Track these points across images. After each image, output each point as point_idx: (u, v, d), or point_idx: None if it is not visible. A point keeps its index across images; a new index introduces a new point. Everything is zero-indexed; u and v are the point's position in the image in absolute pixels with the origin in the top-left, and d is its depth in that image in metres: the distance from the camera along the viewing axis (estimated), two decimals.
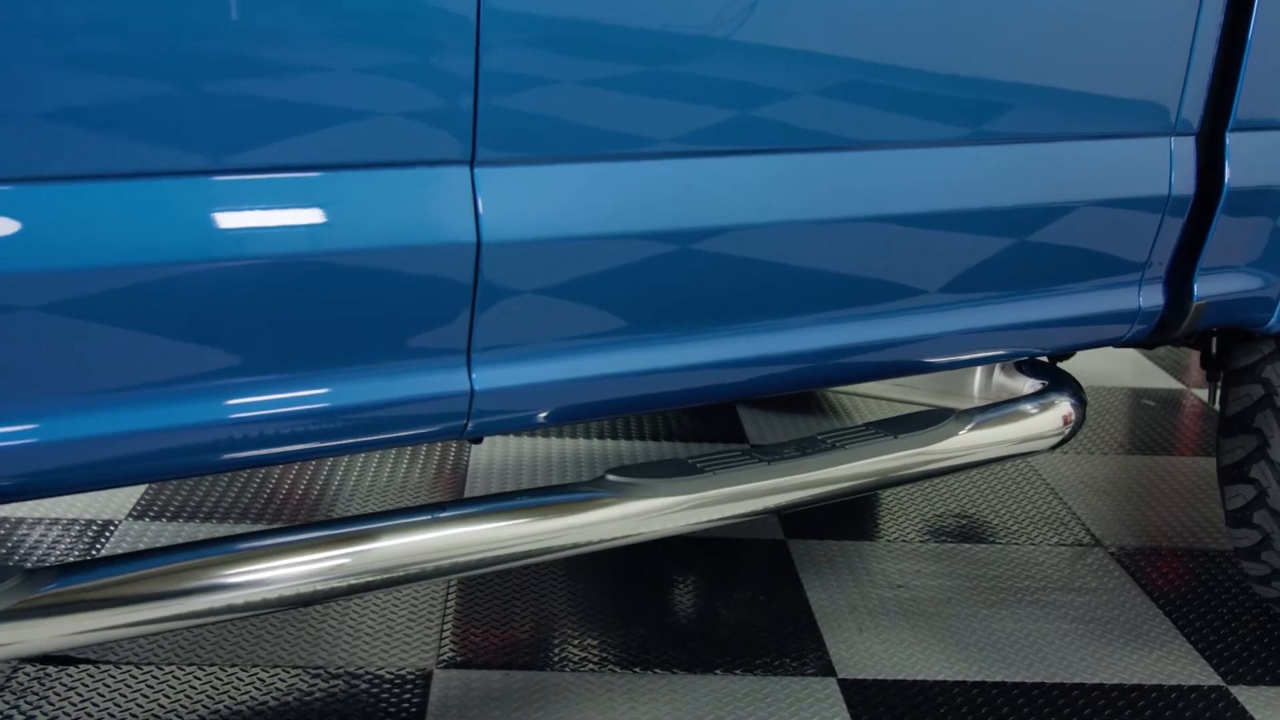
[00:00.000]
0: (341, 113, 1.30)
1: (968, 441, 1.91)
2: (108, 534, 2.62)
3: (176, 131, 1.23)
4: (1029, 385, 2.09)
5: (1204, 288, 1.99)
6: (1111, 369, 4.03)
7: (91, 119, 1.19)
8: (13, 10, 1.14)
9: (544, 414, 1.54)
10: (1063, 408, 2.01)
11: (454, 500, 1.60)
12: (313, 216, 1.31)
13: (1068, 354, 2.41)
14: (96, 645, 1.54)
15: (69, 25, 1.17)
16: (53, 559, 2.52)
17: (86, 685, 2.12)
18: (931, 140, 1.72)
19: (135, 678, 2.15)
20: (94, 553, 2.54)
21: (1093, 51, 1.80)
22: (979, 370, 2.15)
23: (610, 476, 1.65)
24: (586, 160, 1.45)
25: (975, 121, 1.75)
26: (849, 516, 2.91)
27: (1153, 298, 1.97)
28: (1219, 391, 2.36)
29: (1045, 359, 2.22)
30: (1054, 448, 2.02)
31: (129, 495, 2.78)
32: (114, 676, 2.15)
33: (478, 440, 1.76)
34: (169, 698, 2.11)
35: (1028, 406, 2.00)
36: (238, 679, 2.17)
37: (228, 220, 1.27)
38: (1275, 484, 2.24)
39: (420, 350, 1.42)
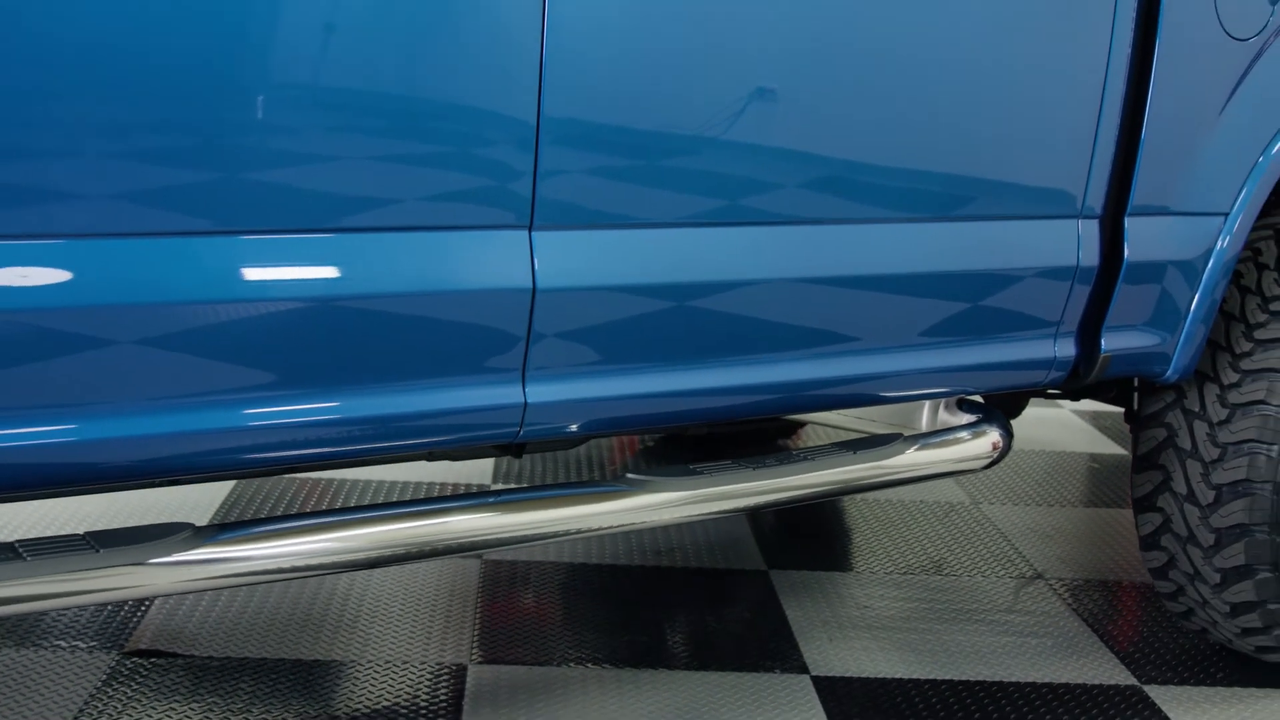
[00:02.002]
0: (441, 190, 1.73)
1: (914, 459, 2.32)
2: None
3: (338, 200, 1.67)
4: (966, 419, 2.51)
5: (1110, 342, 2.39)
6: (1064, 436, 4.48)
7: (245, 188, 1.62)
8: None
9: (578, 424, 1.95)
10: (993, 436, 2.43)
11: (505, 489, 2.01)
12: (414, 264, 1.74)
13: (1014, 410, 2.82)
14: (241, 586, 1.95)
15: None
16: None
17: (176, 674, 2.51)
18: (885, 218, 2.13)
19: (214, 667, 2.54)
20: None
21: (1014, 153, 2.23)
22: (926, 407, 2.56)
23: (629, 475, 2.07)
24: (618, 228, 1.88)
25: (920, 206, 2.16)
26: (824, 550, 3.33)
27: (1066, 349, 2.37)
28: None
29: (980, 399, 2.65)
30: (985, 468, 2.43)
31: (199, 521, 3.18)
32: (199, 666, 2.54)
33: (519, 454, 2.19)
34: (246, 686, 2.49)
35: (964, 434, 2.41)
36: (302, 671, 2.56)
37: (359, 268, 1.69)
38: (1178, 512, 2.63)
39: (485, 369, 1.82)
